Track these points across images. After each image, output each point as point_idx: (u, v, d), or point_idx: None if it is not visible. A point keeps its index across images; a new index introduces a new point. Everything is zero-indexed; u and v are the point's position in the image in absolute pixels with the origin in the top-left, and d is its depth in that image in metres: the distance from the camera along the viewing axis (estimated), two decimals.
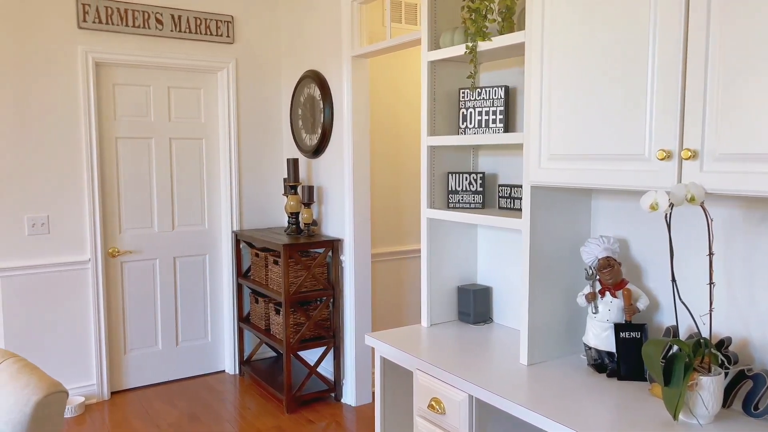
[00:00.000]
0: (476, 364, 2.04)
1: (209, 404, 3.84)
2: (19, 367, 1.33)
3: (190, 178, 4.21)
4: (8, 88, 3.53)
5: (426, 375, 2.07)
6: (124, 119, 3.95)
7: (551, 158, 1.86)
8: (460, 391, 1.92)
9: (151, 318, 4.12)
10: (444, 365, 2.02)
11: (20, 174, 3.59)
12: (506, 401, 1.74)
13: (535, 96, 1.91)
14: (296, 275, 3.70)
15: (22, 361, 1.36)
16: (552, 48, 1.83)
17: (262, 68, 4.35)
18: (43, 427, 1.26)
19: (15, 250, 3.61)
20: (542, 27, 1.87)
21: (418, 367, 2.11)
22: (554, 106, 1.84)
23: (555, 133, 1.84)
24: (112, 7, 3.75)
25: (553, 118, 1.85)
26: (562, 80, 1.81)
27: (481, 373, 1.94)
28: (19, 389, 1.26)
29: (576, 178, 1.77)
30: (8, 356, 1.38)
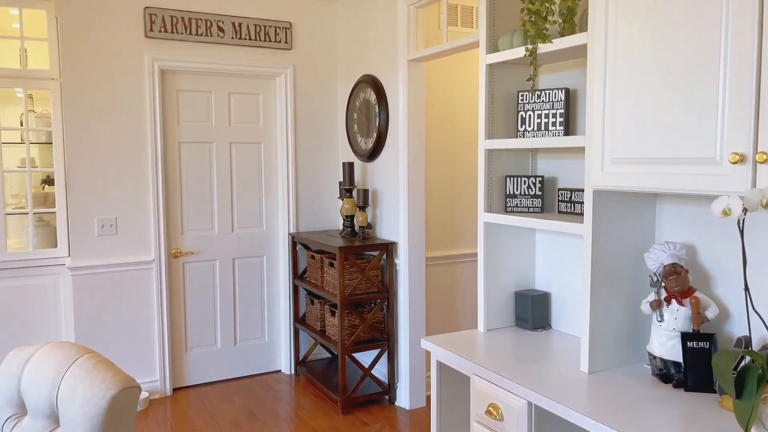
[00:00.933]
0: (535, 370, 2.01)
1: (266, 403, 3.92)
2: (95, 363, 1.39)
3: (248, 182, 4.32)
4: (81, 95, 3.70)
5: (484, 380, 2.06)
6: (186, 124, 4.09)
7: (615, 162, 1.82)
8: (519, 397, 1.90)
9: (210, 317, 4.24)
10: (502, 371, 2.00)
11: (91, 177, 3.76)
12: (567, 409, 1.70)
13: (597, 98, 1.87)
14: (351, 277, 3.74)
15: (97, 357, 1.42)
16: (616, 49, 1.79)
17: (319, 73, 4.42)
18: (117, 421, 1.31)
19: (86, 249, 3.78)
20: (605, 27, 1.83)
21: (476, 372, 2.10)
22: (618, 109, 1.80)
23: (619, 136, 1.80)
24: (177, 16, 3.89)
25: (617, 120, 1.81)
26: (627, 82, 1.76)
27: (540, 380, 1.91)
28: (95, 384, 1.32)
29: (641, 182, 1.73)
30: (84, 352, 1.45)
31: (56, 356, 1.46)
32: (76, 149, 3.72)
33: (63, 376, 1.40)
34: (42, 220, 4.02)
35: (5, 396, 1.51)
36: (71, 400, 1.35)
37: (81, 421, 1.31)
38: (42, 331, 3.83)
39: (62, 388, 1.39)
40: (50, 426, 1.41)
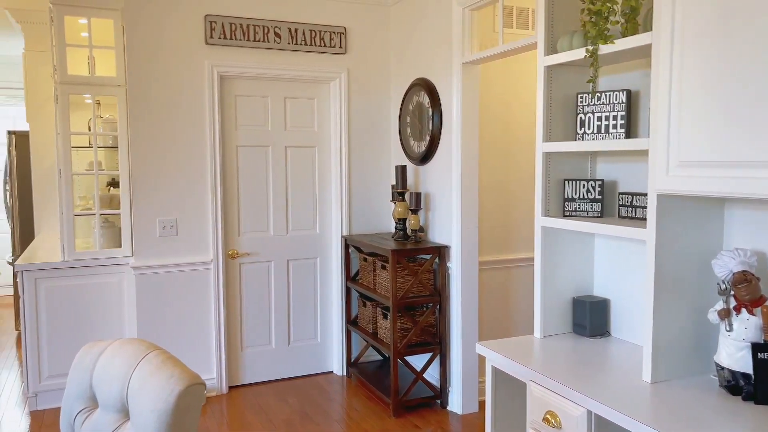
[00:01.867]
0: (595, 378, 1.96)
1: (319, 403, 3.97)
2: (163, 359, 1.44)
3: (303, 185, 4.38)
4: (145, 101, 3.84)
5: (541, 387, 2.02)
6: (244, 128, 4.18)
7: (681, 165, 1.76)
8: (578, 406, 1.86)
9: (265, 317, 4.32)
10: (561, 378, 1.97)
11: (154, 179, 3.90)
12: (630, 419, 1.66)
13: (663, 100, 1.81)
14: (403, 280, 3.74)
15: (165, 354, 1.47)
16: (684, 48, 1.74)
17: (372, 77, 4.45)
18: (184, 416, 1.35)
19: (148, 250, 3.92)
20: (672, 26, 1.78)
21: (533, 378, 2.07)
22: (686, 110, 1.74)
23: (686, 139, 1.74)
24: (236, 23, 3.99)
25: (683, 122, 1.75)
26: (695, 82, 1.71)
27: (600, 389, 1.87)
28: (164, 380, 1.36)
29: (710, 186, 1.67)
30: (153, 348, 1.50)
31: (126, 352, 1.52)
32: (140, 153, 3.86)
33: (133, 371, 1.46)
34: (108, 221, 4.19)
35: (78, 390, 1.58)
36: (140, 395, 1.40)
37: (150, 416, 1.36)
38: (106, 327, 3.98)
39: (132, 384, 1.44)
40: (120, 420, 1.47)
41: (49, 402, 3.88)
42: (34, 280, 3.79)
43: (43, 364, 3.85)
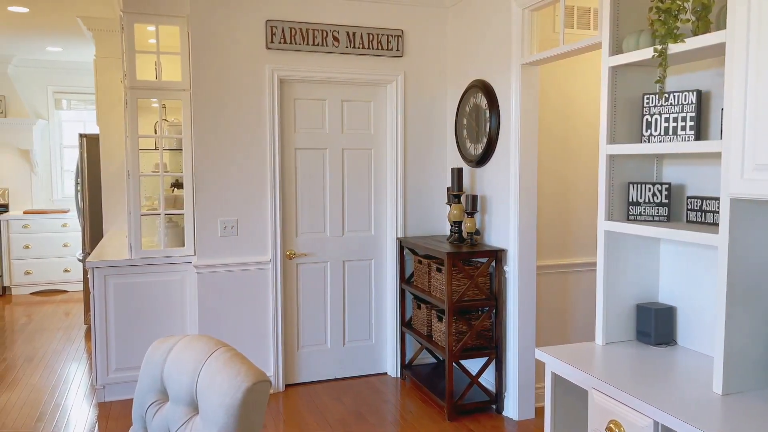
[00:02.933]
0: (662, 388, 1.90)
1: (373, 404, 3.99)
2: (230, 356, 1.48)
3: (359, 187, 4.42)
4: (208, 105, 3.96)
5: (604, 396, 1.97)
6: (302, 131, 4.26)
7: (758, 168, 1.69)
8: (644, 416, 1.80)
9: (321, 317, 4.37)
10: (625, 387, 1.92)
11: (215, 181, 4.01)
12: None
13: (737, 100, 1.74)
14: (459, 284, 3.72)
15: (232, 351, 1.51)
16: (761, 47, 1.67)
17: (429, 79, 4.45)
18: (251, 412, 1.39)
19: (209, 249, 4.03)
20: (748, 24, 1.71)
21: (595, 386, 2.02)
22: (762, 111, 1.67)
23: (763, 141, 1.67)
24: (296, 27, 4.07)
25: (760, 123, 1.68)
26: None
27: (668, 399, 1.81)
28: (231, 376, 1.40)
29: None
30: (221, 345, 1.54)
31: (195, 348, 1.57)
32: (203, 155, 3.98)
33: (201, 367, 1.50)
34: (171, 221, 4.33)
35: (150, 383, 1.64)
36: (209, 390, 1.45)
37: (218, 410, 1.40)
38: (169, 323, 4.12)
39: (201, 378, 1.49)
40: (190, 413, 1.52)
41: (116, 394, 4.05)
42: (104, 277, 3.97)
43: (110, 357, 4.01)
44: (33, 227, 7.25)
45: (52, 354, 5.04)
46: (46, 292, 7.40)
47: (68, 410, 3.90)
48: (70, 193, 7.82)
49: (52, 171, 7.81)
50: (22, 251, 7.24)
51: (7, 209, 7.45)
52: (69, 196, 7.81)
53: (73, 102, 7.89)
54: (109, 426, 3.67)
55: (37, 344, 5.32)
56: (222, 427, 1.39)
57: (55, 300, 7.05)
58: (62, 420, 3.75)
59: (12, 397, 4.10)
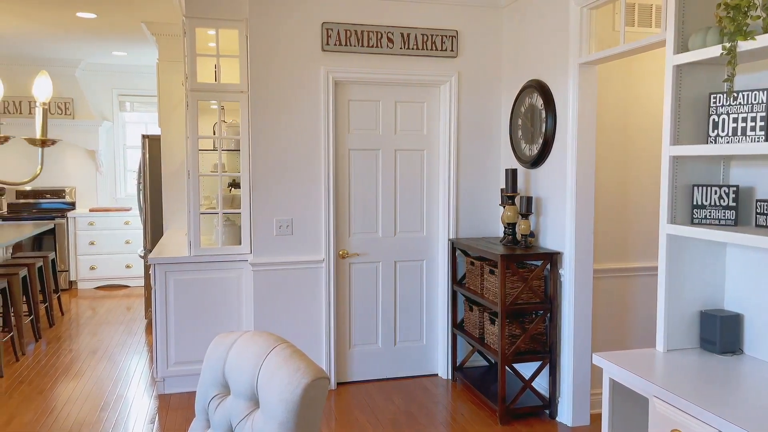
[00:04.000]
0: (727, 398, 1.83)
1: (424, 405, 3.99)
2: (290, 353, 1.51)
3: (411, 187, 4.43)
4: (265, 106, 4.05)
5: (666, 404, 1.92)
6: (356, 132, 4.29)
7: None
8: (710, 426, 1.74)
9: (372, 317, 4.40)
10: (689, 396, 1.86)
11: (271, 181, 4.10)
12: None
13: None
14: (512, 286, 3.68)
15: (292, 347, 1.54)
16: None
17: (483, 80, 4.42)
18: (309, 409, 1.41)
19: (265, 247, 4.12)
20: None
21: (656, 394, 1.97)
22: None
23: None
24: (351, 29, 4.11)
25: None
26: None
27: (734, 409, 1.74)
28: (291, 372, 1.43)
29: None
30: (281, 341, 1.58)
31: (256, 344, 1.61)
32: (259, 155, 4.07)
33: (263, 362, 1.54)
34: (229, 220, 4.45)
35: (212, 377, 1.69)
36: (270, 385, 1.48)
37: (278, 405, 1.43)
38: (226, 319, 4.23)
39: (262, 374, 1.53)
40: (250, 407, 1.56)
41: (175, 387, 4.19)
42: (165, 273, 4.10)
43: (170, 350, 4.15)
44: (97, 224, 7.57)
45: (115, 347, 5.25)
46: (109, 287, 7.71)
47: (130, 401, 4.06)
48: (132, 192, 8.12)
49: (115, 170, 8.14)
50: (88, 247, 7.57)
51: (74, 207, 7.80)
52: (131, 194, 8.12)
53: (136, 104, 8.20)
54: (168, 417, 3.80)
55: (100, 337, 5.55)
56: (282, 421, 1.42)
57: (117, 295, 7.34)
58: (124, 410, 3.91)
59: (77, 387, 4.30)
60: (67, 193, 7.77)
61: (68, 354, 5.04)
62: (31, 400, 4.05)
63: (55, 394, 4.17)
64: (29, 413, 3.84)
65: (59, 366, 4.75)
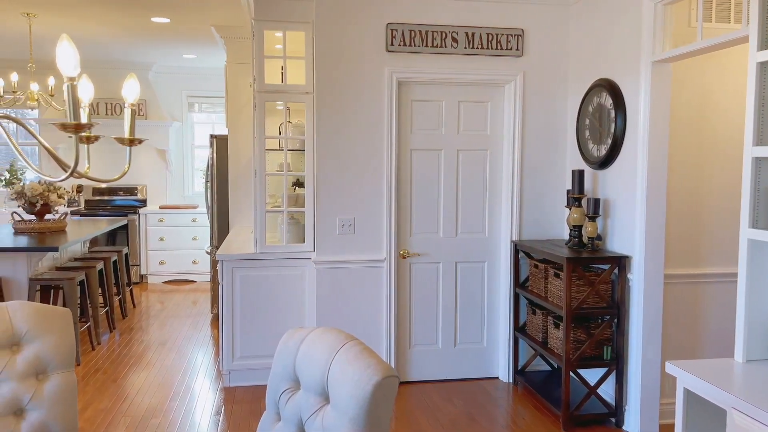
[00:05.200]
0: None
1: (484, 407, 3.95)
2: (361, 349, 1.53)
3: (473, 188, 4.39)
4: (330, 107, 4.10)
5: (747, 417, 1.83)
6: (418, 132, 4.30)
7: None
8: None
9: (433, 318, 4.40)
10: None
11: (335, 180, 4.15)
12: None
13: None
14: (578, 290, 3.59)
15: (362, 344, 1.56)
16: None
17: (549, 79, 4.34)
18: (379, 406, 1.43)
19: (328, 246, 4.18)
20: None
21: (736, 406, 1.88)
22: None
23: None
24: (415, 30, 4.12)
25: None
26: None
27: None
28: (362, 369, 1.45)
29: None
30: (350, 338, 1.60)
31: (326, 340, 1.64)
32: (324, 155, 4.13)
33: (333, 358, 1.57)
34: (293, 218, 4.54)
35: (283, 371, 1.73)
36: (340, 381, 1.50)
37: (349, 401, 1.46)
38: (290, 315, 4.32)
39: (332, 369, 1.55)
40: (321, 402, 1.59)
41: (240, 380, 4.31)
42: (231, 269, 4.23)
43: (236, 344, 4.27)
44: (167, 221, 7.87)
45: (182, 339, 5.44)
46: (177, 282, 8.00)
47: (197, 392, 4.20)
48: (199, 190, 8.40)
49: (184, 169, 8.44)
50: (157, 243, 7.88)
51: (145, 204, 8.14)
52: (198, 192, 8.40)
53: (204, 105, 8.48)
54: (234, 409, 3.91)
55: (168, 329, 5.77)
56: (353, 417, 1.44)
57: (184, 289, 7.61)
58: (192, 401, 4.05)
59: (149, 377, 4.48)
60: (139, 190, 8.12)
61: (139, 345, 5.27)
62: (106, 388, 4.25)
63: (128, 382, 4.37)
64: (104, 400, 4.03)
65: (131, 356, 4.97)
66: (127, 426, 3.64)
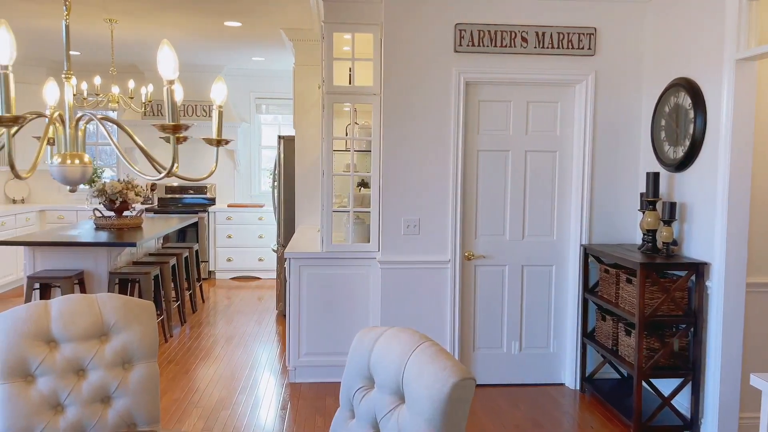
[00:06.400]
0: None
1: (551, 414, 3.87)
2: (437, 350, 1.53)
3: (541, 190, 4.31)
4: (397, 108, 4.12)
5: None
6: (485, 133, 4.25)
7: None
8: None
9: (497, 321, 4.34)
10: None
11: (401, 181, 4.17)
12: None
13: None
14: (652, 297, 3.47)
15: (437, 346, 1.56)
16: None
17: (622, 78, 4.21)
18: (456, 407, 1.42)
19: (393, 246, 4.20)
20: None
21: None
22: None
23: None
24: (484, 30, 4.08)
25: None
26: None
27: None
28: (439, 370, 1.45)
29: None
30: (425, 339, 1.60)
31: (401, 340, 1.65)
32: (390, 155, 4.15)
33: (408, 358, 1.57)
34: (358, 218, 4.58)
35: (357, 369, 1.75)
36: (416, 381, 1.51)
37: (425, 402, 1.46)
38: (354, 313, 4.36)
39: (408, 369, 1.56)
40: (395, 401, 1.60)
41: (305, 376, 4.38)
42: (299, 267, 4.31)
43: (302, 341, 4.35)
44: (234, 219, 8.11)
45: (248, 335, 5.59)
46: (243, 278, 8.22)
47: (264, 387, 4.30)
48: (266, 189, 8.61)
49: (251, 169, 8.67)
50: (225, 240, 8.12)
51: (213, 202, 8.41)
52: (264, 192, 8.61)
53: (271, 106, 8.68)
54: (300, 405, 3.99)
55: (235, 324, 5.94)
56: (429, 418, 1.44)
57: (250, 286, 7.81)
58: (259, 395, 4.15)
59: (218, 370, 4.63)
60: (208, 189, 8.39)
61: (208, 339, 5.45)
62: (179, 379, 4.42)
63: (198, 375, 4.52)
64: (177, 391, 4.19)
65: (201, 349, 5.14)
66: (199, 416, 3.78)
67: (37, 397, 1.91)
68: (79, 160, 1.31)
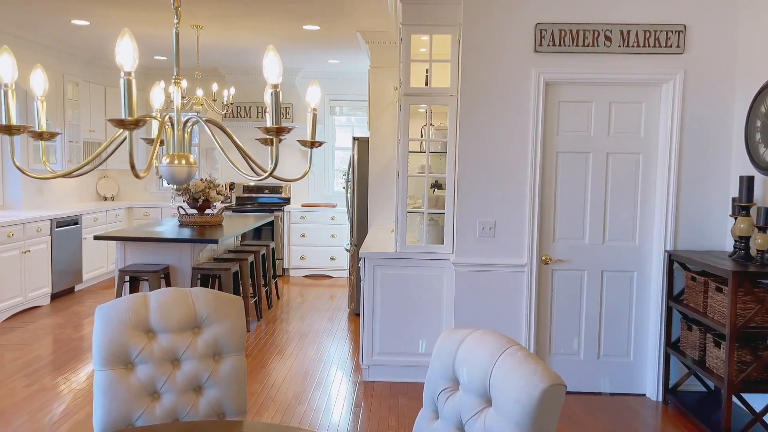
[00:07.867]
0: None
1: (631, 425, 3.74)
2: (525, 355, 1.51)
3: (623, 193, 4.17)
4: (474, 109, 4.10)
5: None
6: (565, 134, 4.16)
7: None
8: None
9: (574, 327, 4.23)
10: None
11: (476, 183, 4.13)
12: None
13: None
14: (744, 307, 3.29)
15: (525, 350, 1.54)
16: None
17: (713, 78, 4.01)
18: (545, 414, 1.40)
19: (467, 248, 4.17)
20: None
21: None
22: None
23: None
24: (565, 29, 3.99)
25: None
26: None
27: None
28: (528, 375, 1.43)
29: None
30: (513, 343, 1.59)
31: (488, 343, 1.64)
32: (466, 157, 4.13)
33: (496, 361, 1.57)
34: (432, 219, 4.58)
35: (442, 370, 1.76)
36: (505, 384, 1.50)
37: (514, 406, 1.45)
38: (427, 314, 4.37)
39: (495, 373, 1.55)
40: (481, 404, 1.60)
41: (378, 375, 4.43)
42: (373, 267, 4.36)
43: (375, 340, 4.40)
44: (308, 218, 8.29)
45: (321, 332, 5.69)
46: (315, 276, 8.39)
47: (338, 384, 4.38)
48: (338, 190, 8.75)
49: (324, 170, 8.83)
50: (299, 239, 8.32)
51: (288, 202, 8.62)
52: (337, 192, 8.75)
53: (345, 108, 8.81)
54: (373, 403, 4.03)
55: (309, 321, 6.06)
56: (518, 423, 1.43)
57: (322, 284, 7.96)
58: (333, 392, 4.22)
59: (293, 366, 4.74)
60: (283, 189, 8.61)
61: (283, 335, 5.59)
62: (256, 373, 4.56)
63: (275, 369, 4.65)
64: (255, 384, 4.33)
65: (277, 344, 5.29)
66: (276, 410, 3.89)
67: (137, 384, 2.03)
68: (185, 161, 1.39)
